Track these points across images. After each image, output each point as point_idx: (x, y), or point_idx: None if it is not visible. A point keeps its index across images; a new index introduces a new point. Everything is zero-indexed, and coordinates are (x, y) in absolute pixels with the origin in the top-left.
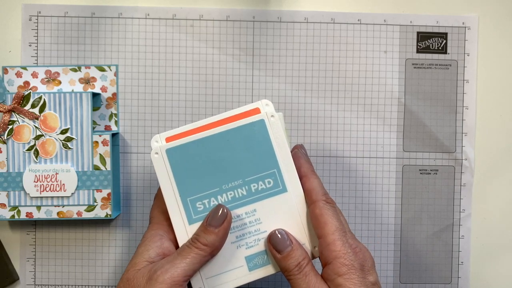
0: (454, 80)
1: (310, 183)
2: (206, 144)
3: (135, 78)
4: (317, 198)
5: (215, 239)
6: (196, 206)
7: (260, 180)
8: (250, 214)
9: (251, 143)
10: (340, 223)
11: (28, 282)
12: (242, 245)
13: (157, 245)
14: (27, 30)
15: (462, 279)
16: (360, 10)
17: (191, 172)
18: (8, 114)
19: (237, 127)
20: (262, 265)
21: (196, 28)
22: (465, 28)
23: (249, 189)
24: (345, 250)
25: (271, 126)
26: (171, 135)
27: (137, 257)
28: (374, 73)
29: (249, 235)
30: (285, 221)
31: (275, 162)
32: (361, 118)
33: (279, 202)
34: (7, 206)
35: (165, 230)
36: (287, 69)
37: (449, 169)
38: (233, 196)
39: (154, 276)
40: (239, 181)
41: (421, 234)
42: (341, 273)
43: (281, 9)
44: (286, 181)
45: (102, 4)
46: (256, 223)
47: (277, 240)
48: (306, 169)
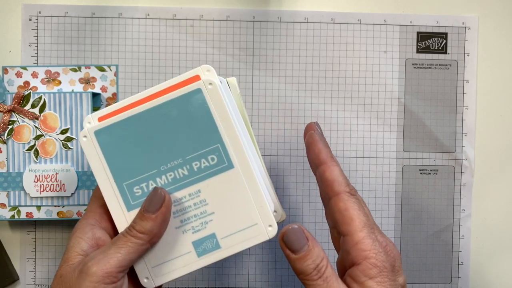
0: (454, 80)
1: (331, 172)
2: (139, 122)
3: (135, 78)
4: (340, 190)
5: (153, 225)
6: (133, 191)
7: (203, 158)
8: (194, 195)
9: (190, 117)
10: (367, 218)
11: (28, 282)
12: (187, 230)
13: (88, 236)
14: (27, 30)
15: (462, 279)
16: (360, 10)
17: (125, 154)
18: (8, 114)
19: (172, 99)
20: (212, 249)
21: (196, 28)
22: (465, 28)
23: (190, 168)
24: (375, 249)
25: (209, 95)
26: (104, 114)
27: (69, 251)
28: (374, 73)
29: (195, 218)
30: (234, 200)
31: (218, 136)
32: (361, 118)
33: (226, 179)
34: (7, 206)
35: (96, 219)
36: (287, 69)
37: (449, 169)
38: (173, 177)
39: (85, 268)
40: (179, 160)
41: (421, 234)
42: (372, 275)
43: (281, 9)
44: (232, 156)
45: (102, 4)
46: (202, 205)
47: (292, 238)
48: (325, 155)
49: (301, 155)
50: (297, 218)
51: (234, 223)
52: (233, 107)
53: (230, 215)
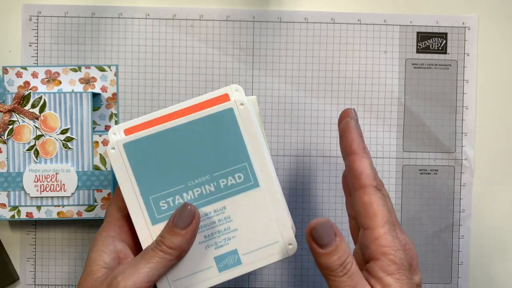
0: (454, 80)
1: (360, 164)
2: (169, 137)
3: (135, 78)
4: (366, 183)
5: (182, 241)
6: (159, 205)
7: (230, 175)
8: (219, 211)
9: (219, 135)
10: (390, 214)
11: (28, 282)
12: (211, 245)
13: (110, 248)
14: (27, 30)
15: (462, 279)
16: (360, 10)
17: (153, 168)
18: (8, 114)
19: (203, 117)
20: (234, 265)
21: (196, 28)
22: (465, 28)
23: (217, 185)
24: (395, 246)
25: (240, 115)
26: (130, 126)
27: (91, 264)
28: (374, 73)
29: (218, 234)
30: (257, 218)
31: (246, 155)
32: (361, 118)
33: (251, 198)
34: (7, 206)
35: (117, 231)
36: (287, 69)
37: (449, 169)
38: (200, 193)
39: (115, 282)
40: (207, 177)
41: (421, 234)
42: (390, 271)
43: (281, 9)
44: (258, 175)
45: (102, 4)
46: (226, 221)
47: (321, 233)
48: (357, 146)
49: (301, 155)
50: (298, 218)
51: (256, 241)
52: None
53: (253, 232)
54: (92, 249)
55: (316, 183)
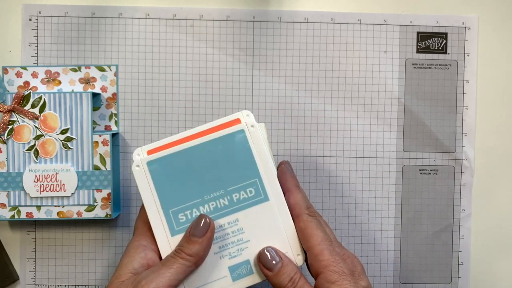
0: (454, 80)
1: (294, 198)
2: (187, 155)
3: (135, 78)
4: (300, 212)
5: (199, 249)
6: (178, 217)
7: (242, 190)
8: (232, 224)
9: (232, 153)
10: (325, 234)
11: (28, 282)
12: (225, 256)
13: (141, 256)
14: (27, 30)
15: (462, 279)
16: (360, 10)
17: (172, 183)
18: (8, 114)
19: (217, 138)
20: (246, 274)
21: (196, 28)
22: (465, 28)
23: (231, 199)
24: (333, 258)
25: (251, 135)
26: (153, 148)
27: (121, 268)
28: (374, 73)
29: (232, 245)
30: (267, 230)
31: (256, 172)
32: (361, 118)
33: (261, 211)
34: (7, 206)
35: (148, 241)
36: (287, 69)
37: (449, 169)
38: (215, 206)
39: (139, 286)
40: (221, 191)
41: (421, 234)
42: (333, 280)
43: (281, 9)
44: (267, 190)
45: (102, 4)
46: (239, 233)
47: (266, 258)
48: (290, 184)
49: (301, 155)
50: None
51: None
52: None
53: (264, 243)
54: (124, 255)
55: (316, 183)
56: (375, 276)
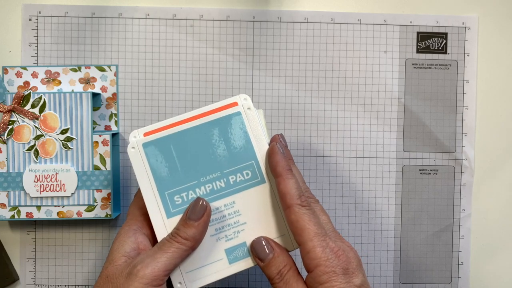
0: (454, 80)
1: (284, 185)
2: (184, 138)
3: (135, 78)
4: (291, 203)
5: (195, 232)
6: (174, 199)
7: (238, 172)
8: (229, 206)
9: (229, 136)
10: (318, 227)
11: (28, 282)
12: (221, 238)
13: (131, 240)
14: (27, 30)
15: (462, 279)
16: (360, 10)
17: (168, 166)
18: (8, 114)
19: (214, 120)
20: (243, 257)
21: (196, 28)
22: (465, 28)
23: (227, 181)
24: (325, 256)
25: (248, 118)
26: (150, 130)
27: (113, 253)
28: (374, 73)
29: (229, 227)
30: (264, 212)
31: (253, 154)
32: (361, 118)
33: (258, 193)
34: (7, 206)
35: (139, 225)
36: (287, 69)
37: (449, 169)
38: (211, 188)
39: (134, 271)
40: (217, 173)
41: (421, 234)
42: (322, 281)
43: (281, 9)
44: (264, 172)
45: (102, 4)
46: (235, 215)
47: (258, 249)
48: (281, 168)
49: (300, 155)
50: None
51: (264, 233)
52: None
53: (260, 225)
54: (114, 241)
55: (316, 183)
56: (375, 276)
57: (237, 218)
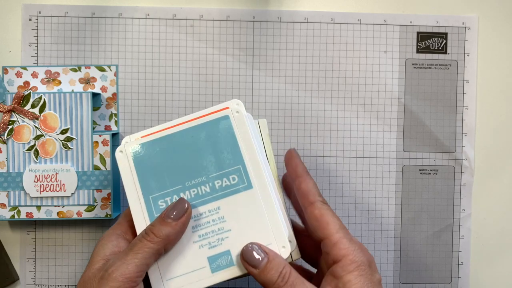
0: (454, 80)
1: (306, 184)
2: (170, 142)
3: (135, 78)
4: (314, 199)
5: (170, 231)
6: (158, 204)
7: (225, 177)
8: (213, 211)
9: (216, 139)
10: (340, 222)
11: (28, 282)
12: (204, 245)
13: (113, 244)
14: (27, 30)
15: (462, 279)
16: (360, 10)
17: (154, 170)
18: (8, 114)
19: (201, 124)
20: (226, 266)
21: (196, 28)
22: (465, 28)
23: (212, 186)
24: (352, 247)
25: (236, 121)
26: (142, 135)
27: (93, 256)
28: (374, 73)
29: (212, 234)
30: (250, 219)
31: (240, 158)
32: (361, 118)
33: (244, 199)
34: (7, 206)
35: (123, 230)
36: (287, 69)
37: (449, 169)
38: (196, 193)
39: (106, 274)
40: (203, 178)
41: (421, 234)
42: (351, 269)
43: (281, 9)
44: (251, 177)
45: (102, 4)
46: (220, 221)
47: (250, 255)
48: (301, 170)
49: (301, 155)
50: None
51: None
52: (256, 137)
53: (246, 233)
54: (97, 244)
55: (316, 183)
56: None
57: (222, 225)
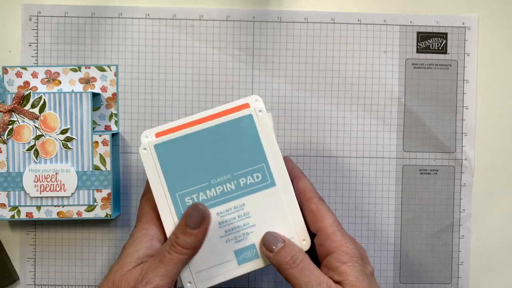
0: (454, 80)
1: (303, 183)
2: (195, 139)
3: (135, 78)
4: (311, 196)
5: (194, 241)
6: (185, 201)
7: (249, 175)
8: (239, 208)
9: (240, 138)
10: (335, 217)
11: (28, 282)
12: (231, 239)
13: (147, 245)
14: (27, 30)
15: (462, 279)
16: (360, 10)
17: (180, 167)
18: (8, 114)
19: (225, 122)
20: (251, 258)
21: (196, 28)
22: (465, 28)
23: (237, 184)
24: (345, 240)
25: (259, 121)
26: (161, 131)
27: (126, 257)
28: (374, 73)
29: (238, 229)
30: (273, 215)
31: (263, 157)
32: (361, 118)
33: (268, 196)
34: (7, 206)
35: (156, 231)
36: (287, 69)
37: (449, 169)
38: (221, 190)
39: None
40: (228, 176)
41: (421, 234)
42: (344, 260)
43: (281, 9)
44: (274, 175)
45: (102, 4)
46: (245, 217)
47: (268, 239)
48: (298, 171)
49: (300, 155)
50: None
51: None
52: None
53: (270, 228)
54: (129, 244)
55: (316, 183)
56: (375, 276)
57: (247, 220)
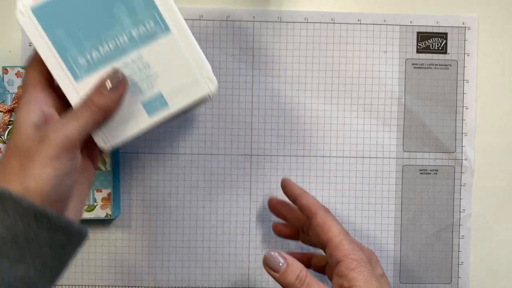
0: (454, 80)
1: (307, 199)
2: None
3: None
4: (316, 210)
5: (109, 102)
6: (78, 62)
7: (141, 24)
8: (137, 60)
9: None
10: (342, 227)
11: None
12: (135, 92)
13: (37, 108)
14: None
15: (462, 279)
16: (360, 10)
17: (66, 28)
18: (8, 114)
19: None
20: (161, 107)
21: (196, 28)
22: (465, 28)
23: (130, 35)
24: (352, 247)
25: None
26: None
27: (19, 122)
28: (374, 73)
29: (141, 81)
30: (175, 61)
31: (152, 3)
32: (361, 118)
33: (165, 44)
34: None
35: (43, 93)
36: (287, 69)
37: (449, 169)
38: (114, 45)
39: (46, 137)
40: (118, 28)
41: (421, 234)
42: (352, 267)
43: (281, 9)
44: (167, 21)
45: None
46: (145, 68)
47: (271, 260)
48: (299, 189)
49: (300, 155)
50: None
51: (177, 81)
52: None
53: (172, 74)
54: (18, 111)
55: (316, 183)
56: None
57: (148, 71)
